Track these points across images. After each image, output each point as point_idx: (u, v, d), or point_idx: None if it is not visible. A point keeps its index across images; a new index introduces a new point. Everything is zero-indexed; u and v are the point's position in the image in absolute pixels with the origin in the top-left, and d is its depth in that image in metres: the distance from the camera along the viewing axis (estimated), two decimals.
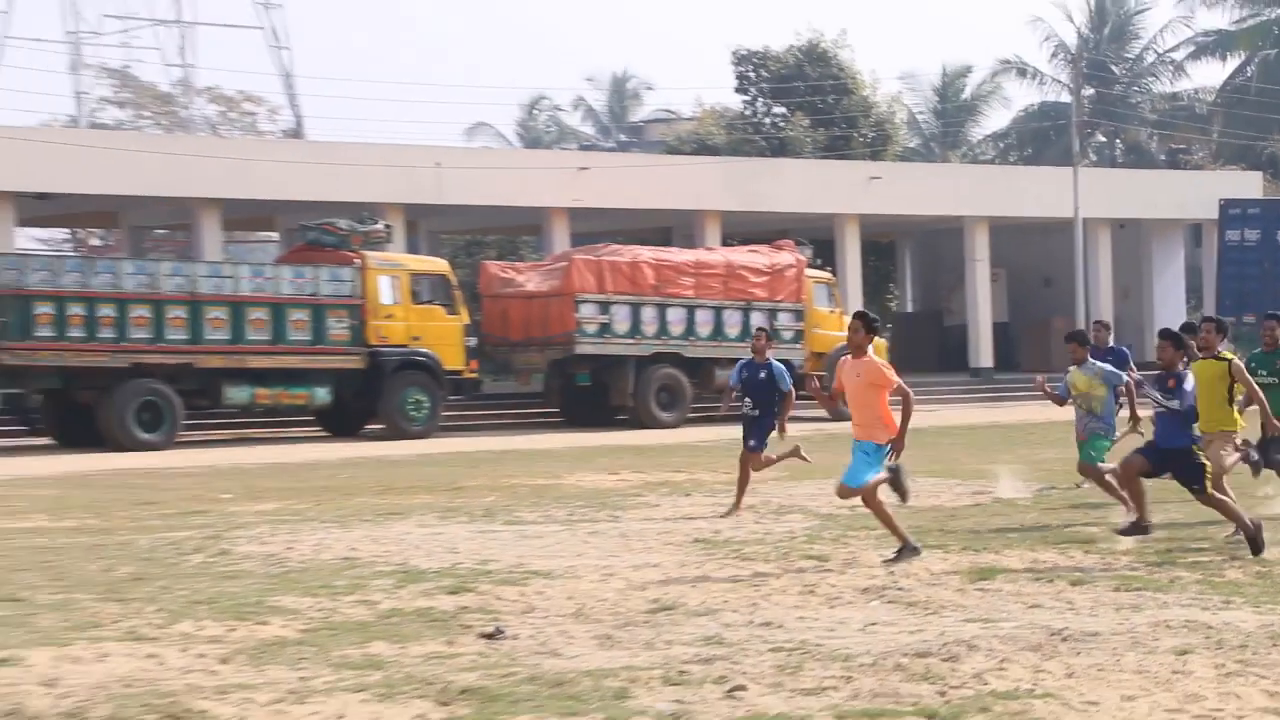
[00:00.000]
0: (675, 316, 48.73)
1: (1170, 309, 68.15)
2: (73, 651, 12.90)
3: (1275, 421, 18.58)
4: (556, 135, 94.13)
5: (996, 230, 63.76)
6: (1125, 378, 20.75)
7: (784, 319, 49.95)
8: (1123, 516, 18.42)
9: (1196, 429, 18.43)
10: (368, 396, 44.78)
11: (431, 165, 54.99)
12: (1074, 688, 10.61)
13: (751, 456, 22.43)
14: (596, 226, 58.86)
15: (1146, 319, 66.79)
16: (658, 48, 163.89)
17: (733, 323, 49.36)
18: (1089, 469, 20.28)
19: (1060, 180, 62.03)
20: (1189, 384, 16.62)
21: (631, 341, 48.46)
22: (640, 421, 47.64)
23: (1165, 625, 12.96)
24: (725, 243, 56.36)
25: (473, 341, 46.95)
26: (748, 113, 77.64)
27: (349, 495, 26.37)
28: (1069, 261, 62.03)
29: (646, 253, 50.89)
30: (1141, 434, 21.05)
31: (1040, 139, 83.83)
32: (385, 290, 45.42)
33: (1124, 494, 18.55)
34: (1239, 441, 19.50)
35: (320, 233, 46.75)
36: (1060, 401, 21.09)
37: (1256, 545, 16.38)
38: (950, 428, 44.25)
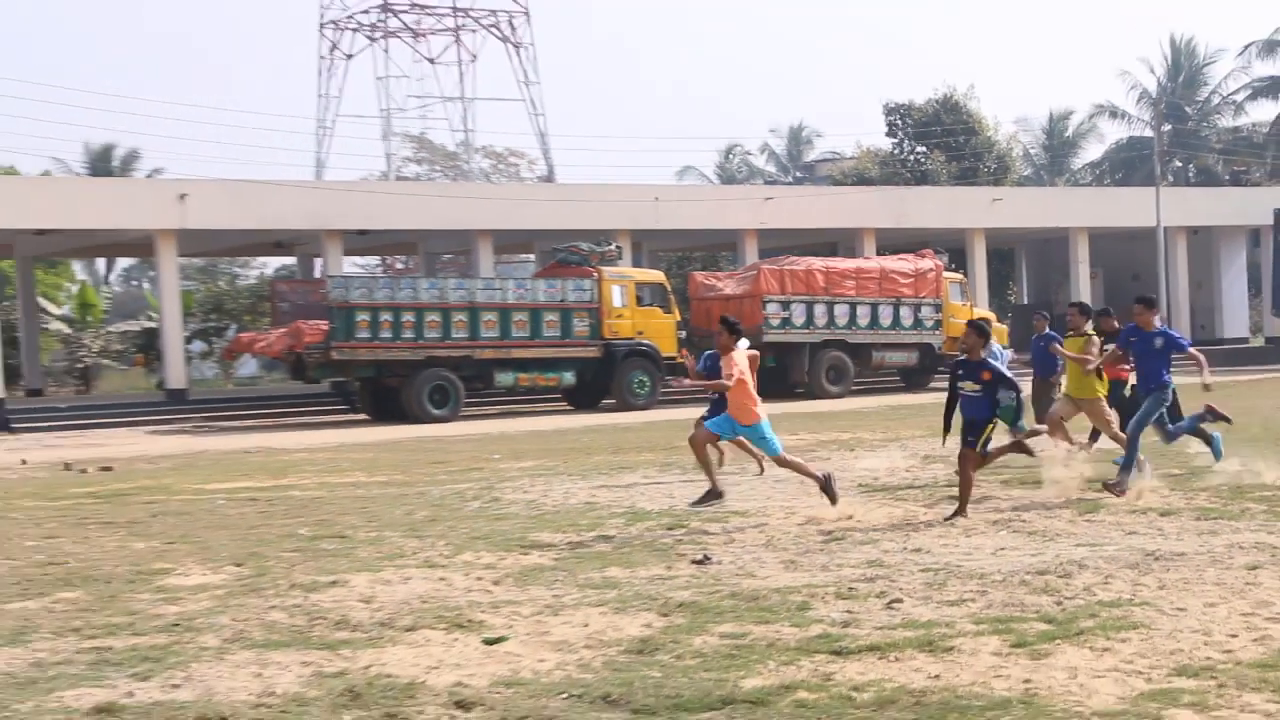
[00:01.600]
0: (840, 311, 48.70)
1: (1234, 299, 68.23)
2: (384, 576, 13.12)
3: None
4: (747, 174, 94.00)
5: (1094, 238, 63.04)
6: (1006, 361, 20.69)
7: (926, 311, 49.81)
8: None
9: (1069, 393, 18.70)
10: (603, 378, 45.24)
11: (651, 200, 55.35)
12: (1165, 597, 10.61)
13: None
14: (778, 244, 58.82)
15: (1216, 306, 67.29)
16: (825, 104, 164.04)
17: (886, 315, 49.35)
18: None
19: (1145, 197, 61.46)
20: (1002, 364, 16.42)
21: (806, 331, 48.50)
22: (813, 394, 47.59)
23: (1239, 546, 12.88)
24: (879, 253, 56.06)
25: (683, 334, 47.20)
26: (896, 152, 77.57)
27: (589, 454, 26.38)
28: (1153, 261, 61.43)
29: (818, 262, 50.86)
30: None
31: (1128, 166, 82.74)
32: (616, 296, 45.78)
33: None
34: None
35: (567, 254, 47.55)
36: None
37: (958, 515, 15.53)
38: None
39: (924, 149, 76.08)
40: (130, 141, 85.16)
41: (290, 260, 66.71)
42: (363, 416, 44.89)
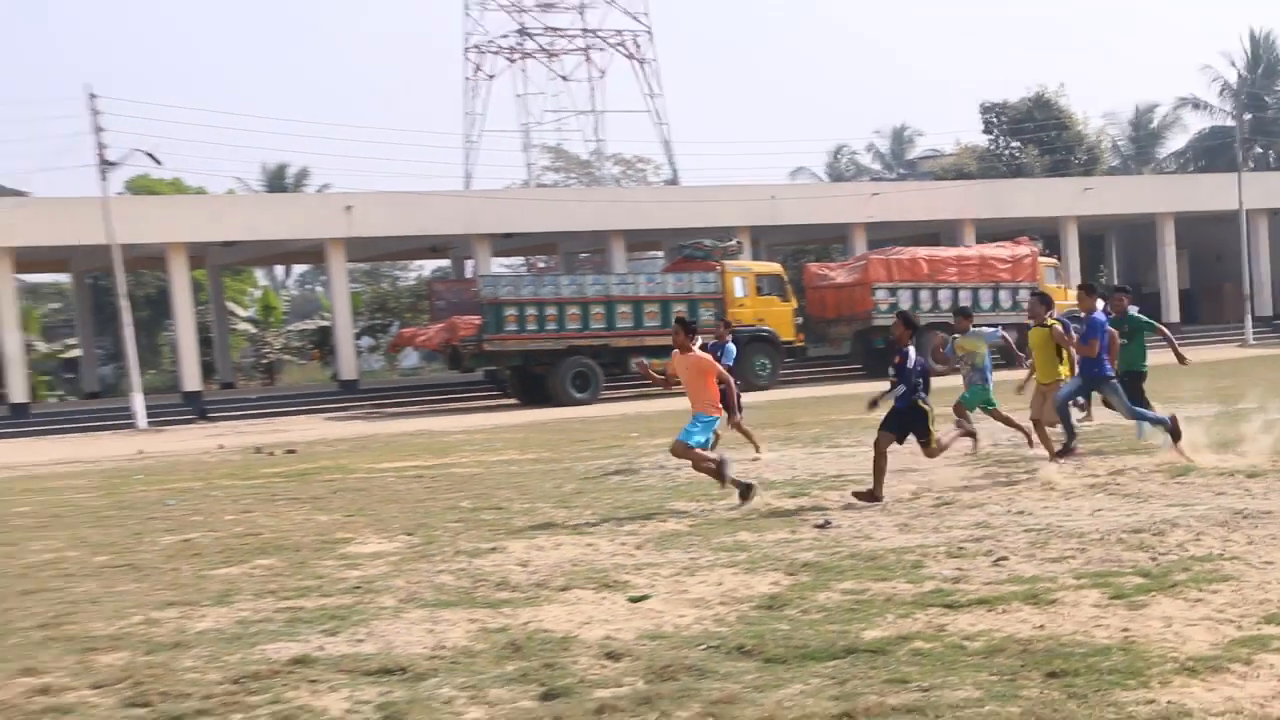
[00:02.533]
0: (943, 296, 48.20)
1: None
2: (537, 542, 13.21)
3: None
4: (854, 172, 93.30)
5: (1180, 221, 61.94)
6: (1000, 334, 20.02)
7: (1023, 294, 49.09)
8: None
9: (1034, 380, 17.90)
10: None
11: (768, 198, 55.15)
12: (1254, 552, 10.48)
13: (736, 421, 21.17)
14: (884, 235, 58.44)
15: None
16: (926, 105, 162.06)
17: (985, 299, 48.79)
18: (979, 413, 19.35)
19: (1227, 182, 60.20)
20: (910, 359, 15.19)
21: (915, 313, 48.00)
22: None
23: None
24: (978, 242, 55.51)
25: (800, 320, 47.08)
26: (992, 148, 76.55)
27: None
28: (1235, 241, 60.20)
29: (921, 251, 50.47)
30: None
31: (1211, 154, 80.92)
32: (738, 287, 45.71)
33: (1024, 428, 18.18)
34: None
35: (692, 250, 47.59)
36: (947, 361, 20.13)
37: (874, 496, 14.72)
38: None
39: (1018, 144, 75.10)
40: (301, 160, 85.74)
41: (445, 263, 67.14)
42: (513, 401, 45.10)
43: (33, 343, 62.44)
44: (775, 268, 49.57)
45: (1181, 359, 18.80)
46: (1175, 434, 16.47)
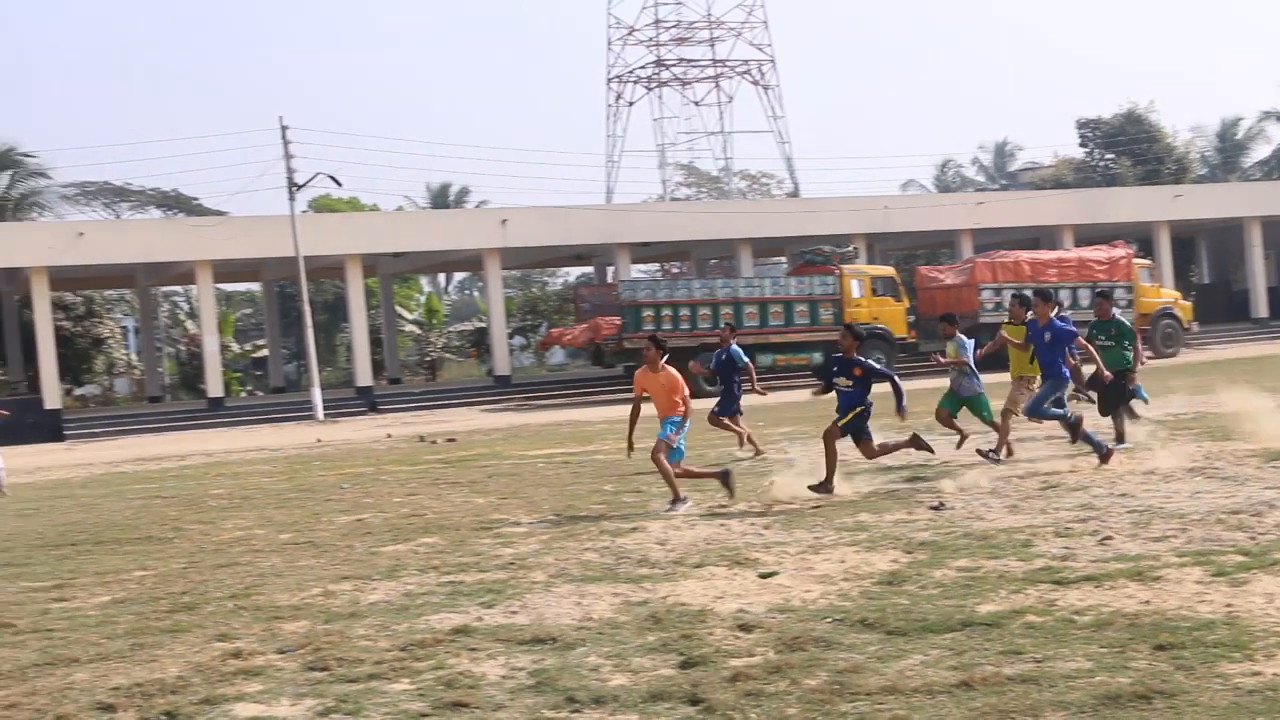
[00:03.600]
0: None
1: None
2: (674, 523, 13.18)
3: (1107, 372, 16.65)
4: (960, 183, 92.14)
5: (1266, 225, 60.72)
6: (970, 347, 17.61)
7: (1119, 293, 48.29)
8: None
9: (1013, 375, 16.91)
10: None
11: (881, 208, 54.85)
12: None
13: (717, 419, 20.68)
14: (989, 241, 57.76)
15: None
16: (1026, 121, 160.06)
17: (1084, 298, 47.95)
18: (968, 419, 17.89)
19: None
20: (870, 369, 14.68)
21: None
22: None
23: None
24: (1076, 245, 54.65)
25: (912, 318, 46.72)
26: (1088, 159, 75.31)
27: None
28: None
29: (1024, 254, 49.85)
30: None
31: None
32: (855, 289, 45.60)
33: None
34: (1070, 391, 17.21)
35: (812, 255, 47.55)
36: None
37: (824, 489, 14.13)
38: (1239, 359, 41.94)
39: (1112, 156, 73.95)
40: (462, 180, 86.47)
41: (588, 269, 67.47)
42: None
43: (227, 344, 63.70)
44: (889, 270, 49.29)
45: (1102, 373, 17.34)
46: (1074, 431, 15.50)
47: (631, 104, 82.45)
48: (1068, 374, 15.90)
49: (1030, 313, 16.38)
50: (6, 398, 45.23)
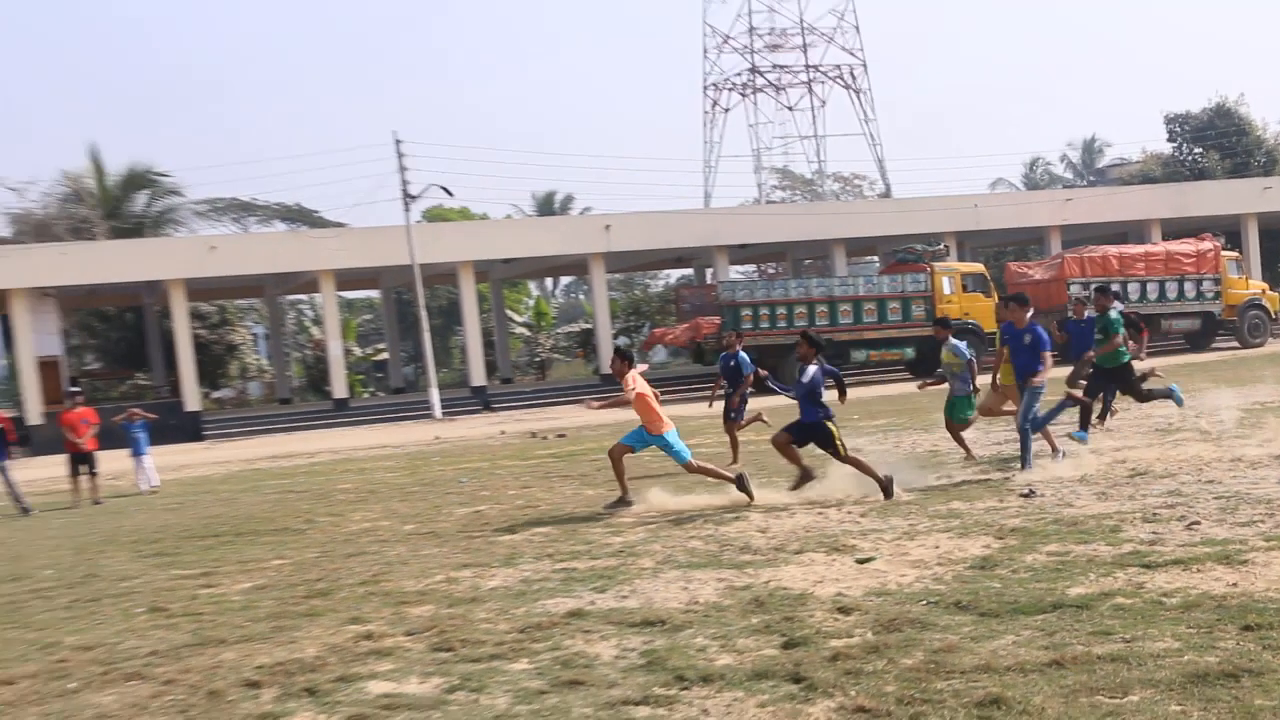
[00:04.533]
0: (1133, 288, 46.88)
1: None
2: (775, 511, 13.17)
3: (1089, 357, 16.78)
4: (1048, 181, 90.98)
5: None
6: (970, 355, 16.42)
7: (1206, 285, 47.69)
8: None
9: (1002, 382, 15.98)
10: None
11: (971, 207, 54.37)
12: None
13: (732, 425, 20.12)
14: (1077, 236, 57.04)
15: None
16: (1114, 117, 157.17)
17: (1172, 289, 47.42)
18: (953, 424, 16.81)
19: None
20: (807, 375, 14.00)
21: None
22: None
23: None
24: (1164, 239, 53.76)
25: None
26: (1176, 154, 73.99)
27: (928, 413, 25.86)
28: None
29: (1112, 249, 49.09)
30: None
31: None
32: (945, 285, 45.20)
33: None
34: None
35: (904, 254, 47.25)
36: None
37: (887, 493, 13.34)
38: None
39: (1200, 150, 72.61)
40: (566, 188, 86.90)
41: (688, 271, 67.44)
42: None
43: (350, 348, 64.48)
44: (978, 267, 48.83)
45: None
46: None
47: (728, 110, 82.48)
48: (1043, 381, 15.02)
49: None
50: (150, 401, 46.19)
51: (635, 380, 14.73)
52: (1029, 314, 15.18)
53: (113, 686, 7.98)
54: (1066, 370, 18.76)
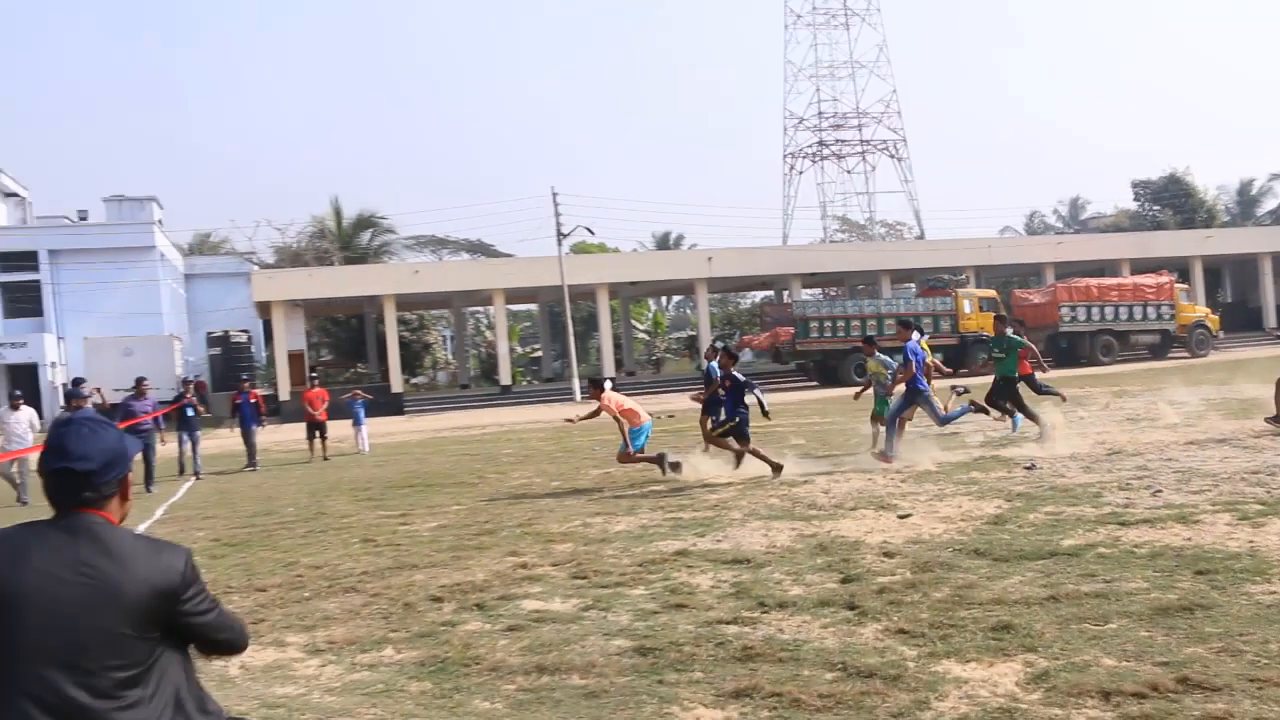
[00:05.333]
0: (1109, 311, 45.88)
1: None
2: (835, 477, 12.90)
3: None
4: (1043, 228, 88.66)
5: (1275, 257, 57.94)
6: (892, 366, 15.28)
7: (1164, 310, 46.66)
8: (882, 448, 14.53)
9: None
10: (959, 356, 43.54)
11: (986, 247, 53.55)
12: None
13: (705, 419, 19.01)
14: (1066, 271, 55.81)
15: None
16: (1093, 181, 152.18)
17: (1138, 313, 46.35)
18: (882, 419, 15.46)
19: None
20: (739, 381, 13.44)
21: (1087, 324, 45.95)
22: (1093, 363, 44.84)
23: None
24: (1131, 274, 52.43)
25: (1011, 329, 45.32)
26: (1140, 210, 72.42)
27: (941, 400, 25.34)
28: None
29: (1093, 281, 48.02)
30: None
31: None
32: (966, 306, 44.43)
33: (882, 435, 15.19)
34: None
35: (935, 281, 46.95)
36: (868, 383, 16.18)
37: (777, 469, 12.97)
38: (1255, 359, 39.43)
39: (1158, 207, 70.85)
40: (679, 228, 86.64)
41: (770, 292, 66.98)
42: (814, 384, 44.67)
43: (514, 347, 65.00)
44: (991, 293, 47.87)
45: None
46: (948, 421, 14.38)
47: (801, 173, 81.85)
48: (924, 386, 14.35)
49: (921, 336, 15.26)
50: (367, 384, 46.95)
51: (610, 400, 13.79)
52: (911, 336, 14.81)
53: (335, 596, 8.06)
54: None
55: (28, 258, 53.39)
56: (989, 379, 16.47)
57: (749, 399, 13.55)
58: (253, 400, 22.11)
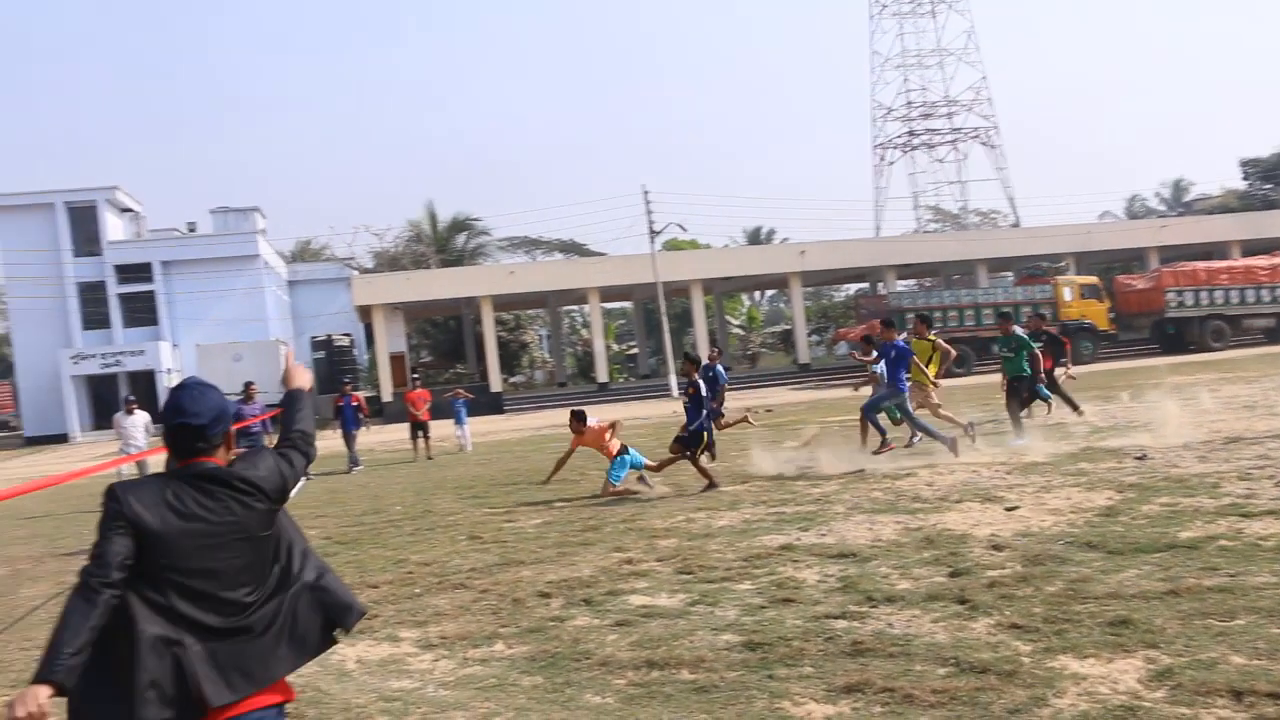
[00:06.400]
0: (1218, 295, 44.30)
1: None
2: (937, 470, 12.66)
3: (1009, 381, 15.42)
4: (1144, 212, 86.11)
5: None
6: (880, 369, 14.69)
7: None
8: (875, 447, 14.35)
9: (907, 379, 14.11)
10: (1057, 346, 42.42)
11: (1085, 233, 52.19)
12: None
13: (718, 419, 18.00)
14: (1171, 254, 54.02)
15: None
16: (1197, 161, 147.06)
17: (1251, 296, 44.59)
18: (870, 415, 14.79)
19: None
20: (703, 390, 13.23)
21: (1195, 309, 44.31)
22: (1203, 349, 43.32)
23: None
24: (1242, 256, 50.59)
25: (1112, 315, 44.11)
26: (1250, 189, 69.46)
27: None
28: None
29: (1200, 264, 46.36)
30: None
31: None
32: (1066, 294, 43.30)
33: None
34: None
35: (1033, 269, 45.64)
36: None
37: (711, 485, 12.51)
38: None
39: (1270, 185, 68.06)
40: (770, 222, 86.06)
41: (864, 284, 66.24)
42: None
43: (609, 345, 65.22)
44: (1093, 279, 46.65)
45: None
46: (954, 450, 13.41)
47: (891, 164, 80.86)
48: (904, 387, 13.94)
49: (905, 334, 14.80)
50: (467, 384, 47.53)
51: (593, 430, 13.70)
52: (894, 335, 14.28)
53: (445, 593, 8.15)
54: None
55: (143, 270, 55.18)
56: (1090, 368, 16.05)
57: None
58: (354, 403, 22.46)
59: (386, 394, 45.52)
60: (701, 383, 13.55)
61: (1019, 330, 15.92)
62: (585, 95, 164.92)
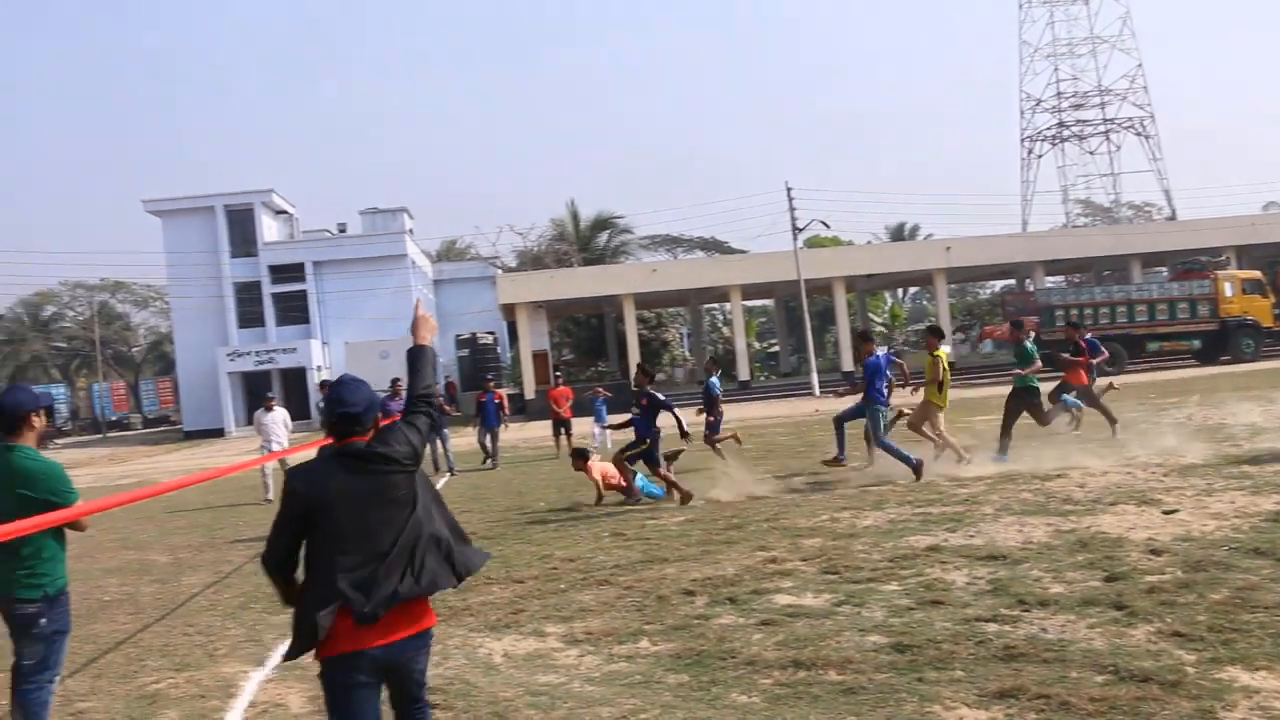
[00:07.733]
0: None
1: None
2: (1090, 471, 12.23)
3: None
4: None
5: None
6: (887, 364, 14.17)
7: None
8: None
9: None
10: (1220, 343, 40.73)
11: (1249, 225, 49.82)
12: None
13: (709, 437, 18.19)
14: None
15: None
16: None
17: None
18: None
19: None
20: (657, 401, 12.90)
21: None
22: None
23: None
24: None
25: (1277, 311, 41.95)
26: None
27: (1216, 391, 23.73)
28: None
29: None
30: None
31: None
32: (1227, 289, 41.30)
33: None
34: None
35: (1190, 264, 43.62)
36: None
37: (686, 498, 12.30)
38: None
39: None
40: (914, 218, 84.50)
41: (1011, 281, 64.54)
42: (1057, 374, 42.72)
43: (751, 343, 65.04)
44: (1256, 274, 44.42)
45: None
46: (917, 473, 12.67)
47: (1040, 156, 78.61)
48: (883, 400, 13.52)
49: (886, 348, 14.06)
50: (608, 383, 47.97)
51: (595, 469, 13.56)
52: (878, 348, 13.79)
53: (590, 589, 8.24)
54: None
55: (295, 270, 57.24)
56: (1253, 366, 15.31)
57: (667, 419, 13.16)
58: (497, 400, 22.77)
59: (529, 391, 46.26)
60: (657, 394, 13.25)
61: (1027, 343, 15.42)
62: (728, 91, 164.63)
